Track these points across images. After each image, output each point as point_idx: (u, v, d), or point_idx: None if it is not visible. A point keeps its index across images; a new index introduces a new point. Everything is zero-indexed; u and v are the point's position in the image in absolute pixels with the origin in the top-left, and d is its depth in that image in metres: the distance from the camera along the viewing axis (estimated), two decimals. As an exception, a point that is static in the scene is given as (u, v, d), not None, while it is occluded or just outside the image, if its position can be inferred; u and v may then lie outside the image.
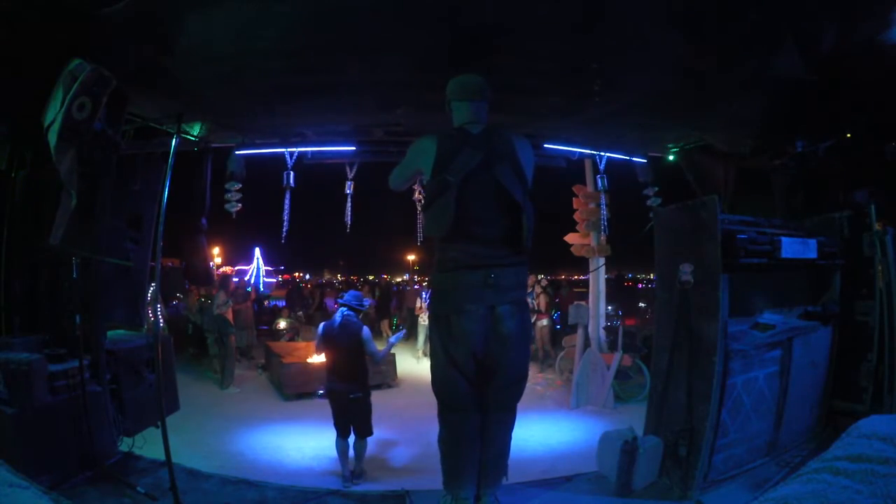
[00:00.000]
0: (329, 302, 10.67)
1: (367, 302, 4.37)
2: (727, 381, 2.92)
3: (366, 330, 3.94)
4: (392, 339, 4.24)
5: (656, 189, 5.59)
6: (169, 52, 3.07)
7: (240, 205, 5.22)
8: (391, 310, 11.81)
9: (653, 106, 4.08)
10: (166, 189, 3.03)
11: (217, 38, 3.01)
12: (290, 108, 4.21)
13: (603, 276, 7.26)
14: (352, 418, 3.84)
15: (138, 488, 2.83)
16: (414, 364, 8.30)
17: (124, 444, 3.38)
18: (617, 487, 2.95)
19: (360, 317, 4.03)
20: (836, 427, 3.31)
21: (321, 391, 4.19)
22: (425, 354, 8.34)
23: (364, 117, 4.60)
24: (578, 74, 3.51)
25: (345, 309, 3.95)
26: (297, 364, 6.40)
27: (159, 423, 2.88)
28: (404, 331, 4.72)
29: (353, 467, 3.84)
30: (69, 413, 2.96)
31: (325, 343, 3.94)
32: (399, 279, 25.54)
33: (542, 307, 8.35)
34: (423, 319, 8.63)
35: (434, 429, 2.53)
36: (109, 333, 3.56)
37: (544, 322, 8.34)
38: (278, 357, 6.80)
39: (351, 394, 3.80)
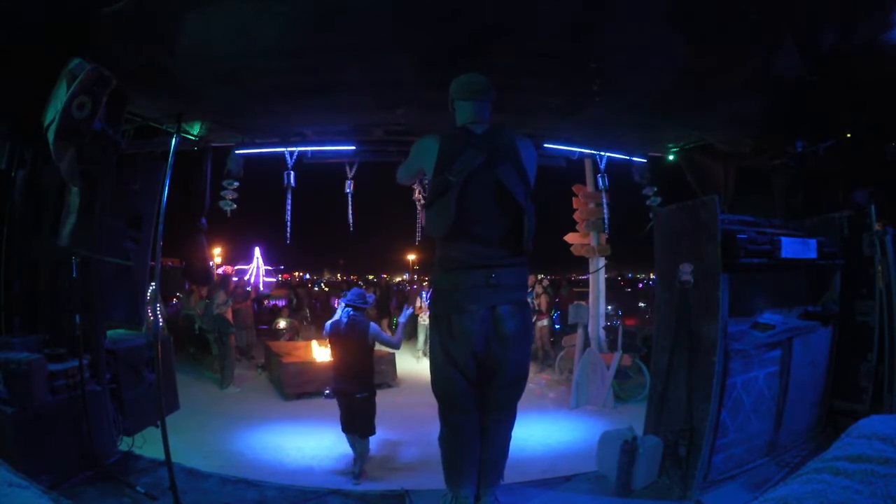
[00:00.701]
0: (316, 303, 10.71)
1: (371, 298, 4.38)
2: (727, 380, 2.92)
3: (373, 326, 3.95)
4: (401, 318, 4.25)
5: (656, 189, 5.59)
6: (169, 51, 3.07)
7: (235, 204, 5.21)
8: (391, 309, 11.85)
9: (653, 106, 4.09)
10: (166, 189, 3.02)
11: (217, 38, 3.01)
12: (290, 108, 4.21)
13: (603, 276, 7.26)
14: (355, 418, 3.84)
15: (138, 488, 2.83)
16: (414, 364, 8.30)
17: (124, 444, 3.38)
18: (617, 487, 2.95)
19: (365, 315, 4.03)
20: (836, 427, 3.31)
21: (327, 391, 4.20)
22: (425, 354, 8.34)
23: (364, 117, 4.60)
24: (578, 74, 3.51)
25: (350, 309, 3.94)
26: (297, 364, 6.40)
27: (159, 423, 2.88)
28: (411, 309, 4.75)
29: (354, 467, 3.84)
30: (69, 413, 2.96)
31: (332, 343, 3.95)
32: (399, 279, 25.55)
33: (543, 307, 8.34)
34: (424, 319, 8.62)
35: (434, 428, 2.53)
36: (109, 333, 3.56)
37: (544, 322, 8.32)
38: (278, 357, 6.80)
39: (358, 393, 3.81)
